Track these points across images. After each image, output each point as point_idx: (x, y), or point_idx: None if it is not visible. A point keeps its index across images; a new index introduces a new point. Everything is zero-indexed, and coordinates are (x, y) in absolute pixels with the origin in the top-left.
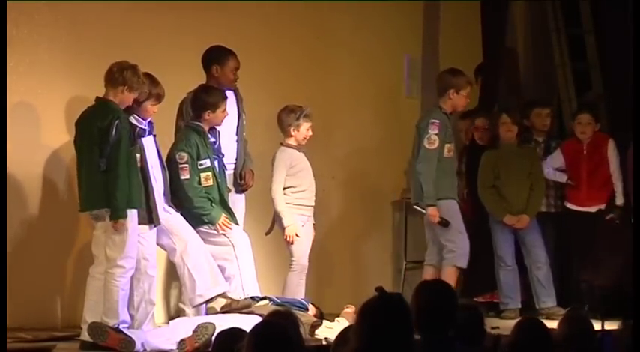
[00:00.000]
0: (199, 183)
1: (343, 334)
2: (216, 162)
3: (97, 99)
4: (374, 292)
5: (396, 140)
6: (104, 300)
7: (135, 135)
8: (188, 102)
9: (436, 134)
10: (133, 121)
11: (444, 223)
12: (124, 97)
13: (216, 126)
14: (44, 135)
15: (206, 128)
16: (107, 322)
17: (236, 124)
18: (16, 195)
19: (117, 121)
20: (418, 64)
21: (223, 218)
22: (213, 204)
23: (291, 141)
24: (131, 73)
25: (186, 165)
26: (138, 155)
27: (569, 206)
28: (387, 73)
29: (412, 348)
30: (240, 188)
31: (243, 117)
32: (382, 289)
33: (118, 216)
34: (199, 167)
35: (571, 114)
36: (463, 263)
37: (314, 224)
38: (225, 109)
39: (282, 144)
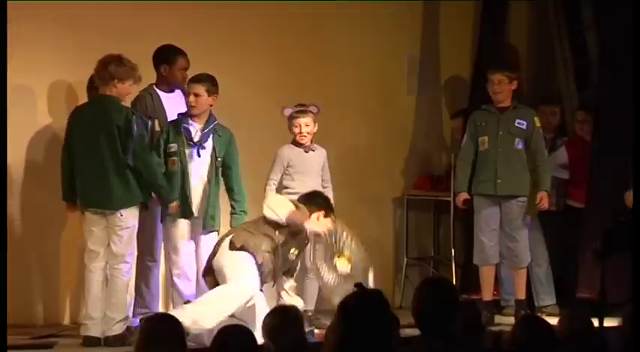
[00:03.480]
0: (166, 166)
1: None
2: (188, 151)
3: (100, 96)
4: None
5: (396, 138)
6: (109, 296)
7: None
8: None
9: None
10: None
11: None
12: (120, 89)
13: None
14: (48, 134)
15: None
16: (114, 318)
17: None
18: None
19: (134, 116)
20: (418, 63)
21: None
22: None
23: (293, 139)
24: (115, 64)
25: None
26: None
27: (571, 203)
28: (386, 72)
29: (391, 345)
30: None
31: None
32: (361, 285)
33: (173, 198)
34: (168, 151)
35: (571, 111)
36: (476, 260)
37: None
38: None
39: None
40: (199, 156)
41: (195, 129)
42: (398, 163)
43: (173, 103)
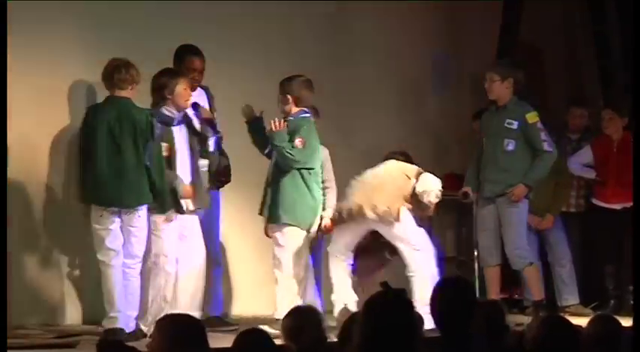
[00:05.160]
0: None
1: (347, 329)
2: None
3: (119, 98)
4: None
5: (421, 137)
6: (125, 294)
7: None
8: None
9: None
10: (166, 112)
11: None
12: (133, 92)
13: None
14: (70, 133)
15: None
16: (130, 315)
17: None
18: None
19: (152, 118)
20: (444, 62)
21: None
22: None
23: None
24: (134, 69)
25: None
26: (165, 144)
27: (596, 202)
28: (411, 72)
29: (416, 343)
30: (216, 184)
31: (215, 114)
32: (387, 284)
33: (169, 208)
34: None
35: (597, 111)
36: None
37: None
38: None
39: None
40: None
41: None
42: (423, 163)
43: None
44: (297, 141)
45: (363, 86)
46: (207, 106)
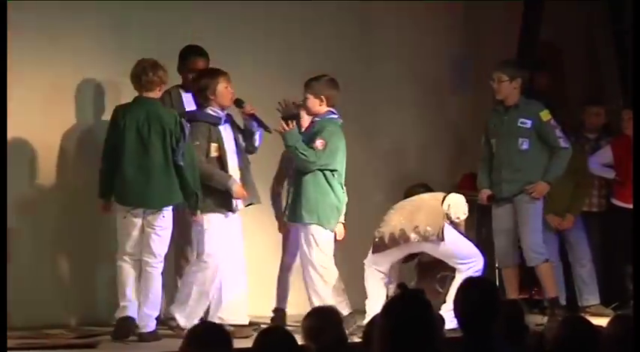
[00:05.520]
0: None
1: (369, 331)
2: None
3: (146, 99)
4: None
5: (440, 137)
6: (146, 293)
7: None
8: None
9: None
10: (211, 112)
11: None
12: (160, 93)
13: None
14: (91, 133)
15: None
16: (150, 315)
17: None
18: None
19: (182, 119)
20: (463, 62)
21: None
22: None
23: None
24: (162, 71)
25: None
26: (215, 144)
27: (615, 202)
28: (432, 72)
29: (436, 343)
30: None
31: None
32: (404, 286)
33: (221, 208)
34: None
35: (616, 111)
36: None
37: (343, 223)
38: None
39: None
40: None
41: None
42: (441, 163)
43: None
44: (318, 143)
45: (384, 86)
46: None
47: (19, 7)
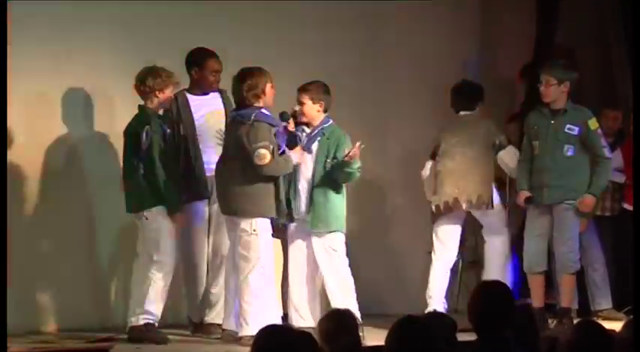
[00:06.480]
0: None
1: None
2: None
3: (140, 107)
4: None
5: None
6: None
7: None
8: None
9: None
10: (268, 113)
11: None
12: (161, 99)
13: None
14: (103, 137)
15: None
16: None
17: (224, 125)
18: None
19: (145, 129)
20: (476, 66)
21: None
22: None
23: None
24: (152, 77)
25: None
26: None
27: (627, 207)
28: (446, 75)
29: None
30: None
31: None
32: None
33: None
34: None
35: (628, 114)
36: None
37: None
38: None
39: None
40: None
41: (306, 132)
42: None
43: (207, 106)
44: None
45: (397, 88)
46: (222, 109)
47: None
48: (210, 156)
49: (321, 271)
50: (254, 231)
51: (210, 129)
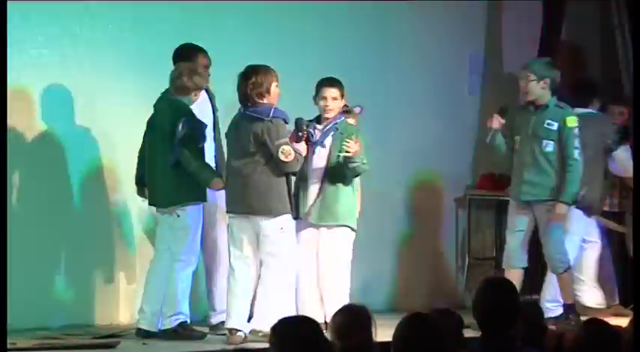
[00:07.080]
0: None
1: None
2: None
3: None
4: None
5: (457, 138)
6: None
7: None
8: None
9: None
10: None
11: None
12: (197, 97)
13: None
14: (109, 135)
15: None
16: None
17: (212, 122)
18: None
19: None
20: (480, 62)
21: None
22: None
23: None
24: (199, 76)
25: None
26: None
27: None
28: (451, 71)
29: (455, 345)
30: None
31: (217, 115)
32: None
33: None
34: None
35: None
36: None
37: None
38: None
39: None
40: (314, 153)
41: (318, 129)
42: (458, 164)
43: (195, 103)
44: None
45: (400, 86)
46: (210, 107)
47: None
48: None
49: (320, 264)
50: (281, 228)
51: None
